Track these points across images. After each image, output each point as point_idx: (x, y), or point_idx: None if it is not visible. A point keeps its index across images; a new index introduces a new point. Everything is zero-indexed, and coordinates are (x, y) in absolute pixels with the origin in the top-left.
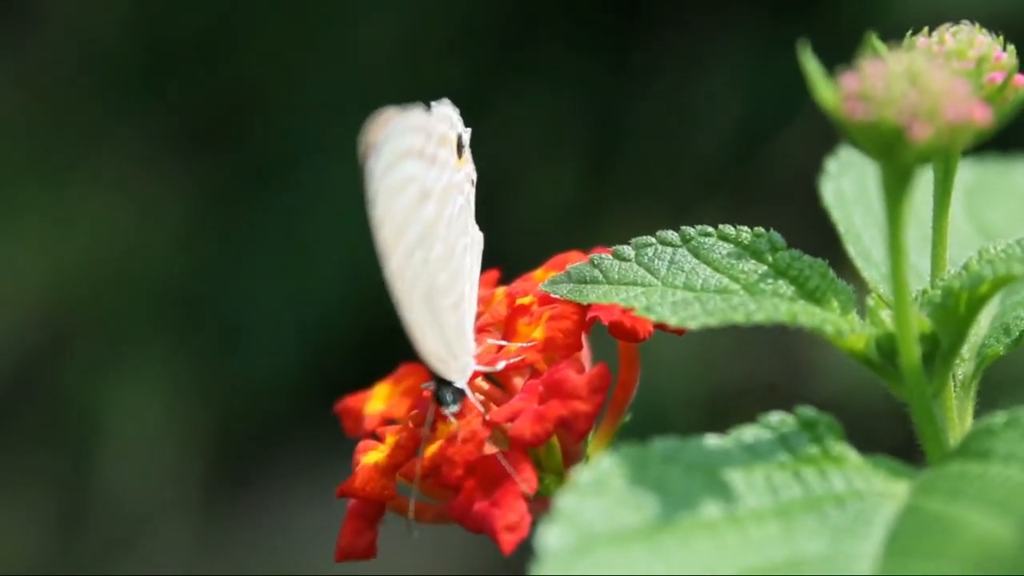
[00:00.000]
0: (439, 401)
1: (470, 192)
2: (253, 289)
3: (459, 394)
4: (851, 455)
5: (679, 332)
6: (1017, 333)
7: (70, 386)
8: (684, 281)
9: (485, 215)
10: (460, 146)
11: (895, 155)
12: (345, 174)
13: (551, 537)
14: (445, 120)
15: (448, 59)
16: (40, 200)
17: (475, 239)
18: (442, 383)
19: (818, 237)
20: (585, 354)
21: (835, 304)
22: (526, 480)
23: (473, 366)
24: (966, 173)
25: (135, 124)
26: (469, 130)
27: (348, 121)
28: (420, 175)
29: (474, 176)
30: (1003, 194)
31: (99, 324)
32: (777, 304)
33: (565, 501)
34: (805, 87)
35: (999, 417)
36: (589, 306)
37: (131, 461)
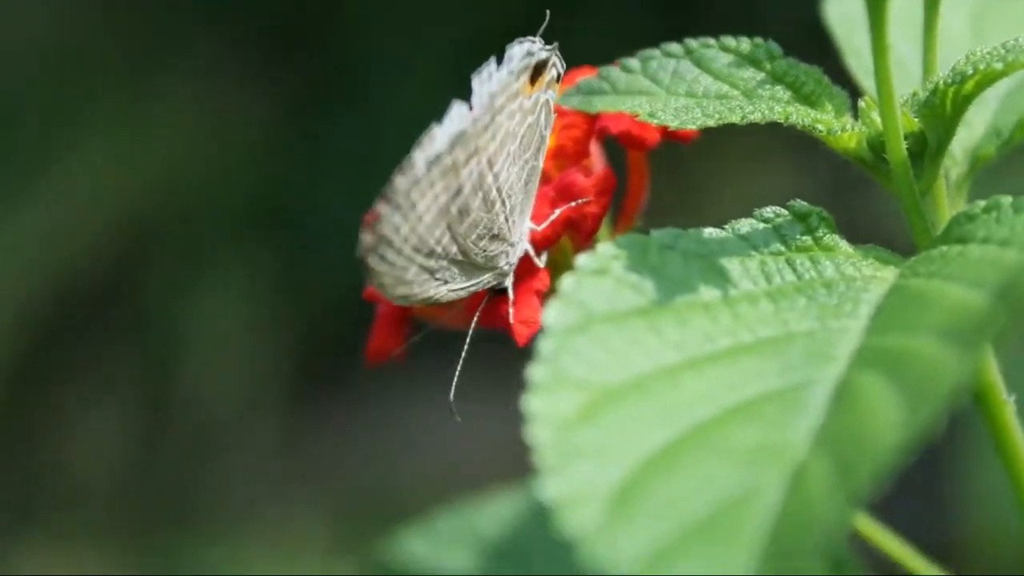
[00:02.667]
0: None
1: (549, 96)
2: (331, 198)
3: (504, 289)
4: (842, 244)
5: (684, 139)
6: (1007, 134)
7: (154, 295)
8: (686, 89)
9: None
10: (536, 73)
11: None
12: (421, 88)
13: (552, 314)
14: (508, 86)
15: None
16: (121, 111)
17: (544, 136)
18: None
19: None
20: (596, 162)
21: (829, 107)
22: (540, 279)
23: (516, 262)
24: None
25: (213, 37)
26: (550, 50)
27: (426, 33)
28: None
29: (560, 71)
30: (1012, 15)
31: (181, 233)
32: (772, 106)
33: (567, 283)
34: None
35: (979, 204)
36: (598, 117)
37: (216, 367)
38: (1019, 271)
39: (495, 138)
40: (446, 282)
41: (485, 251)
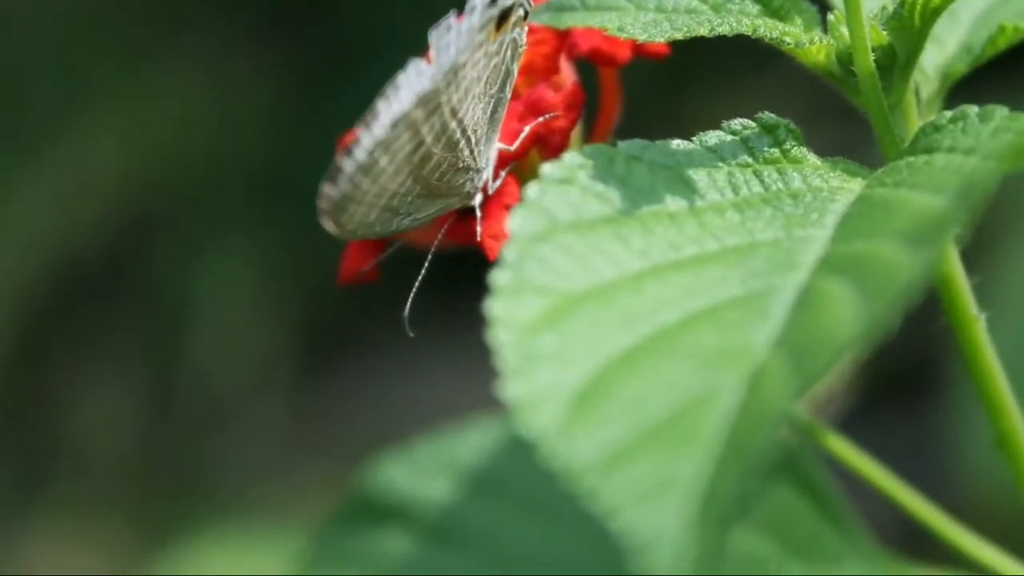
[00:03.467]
0: None
1: (517, 35)
2: None
3: (471, 210)
4: (810, 157)
5: (656, 55)
6: (978, 51)
7: (160, 269)
8: (656, 4)
9: None
10: (502, 18)
11: None
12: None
13: (516, 222)
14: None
15: None
16: (127, 84)
17: (512, 70)
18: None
19: None
20: (567, 79)
21: (798, 21)
22: (509, 194)
23: (483, 183)
24: None
25: (222, 8)
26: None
27: (436, 7)
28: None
29: (527, 8)
30: None
31: (187, 207)
32: (740, 19)
33: (531, 191)
34: None
35: (946, 114)
36: (568, 35)
37: (222, 342)
38: (980, 174)
39: (459, 89)
40: (410, 214)
41: (450, 183)
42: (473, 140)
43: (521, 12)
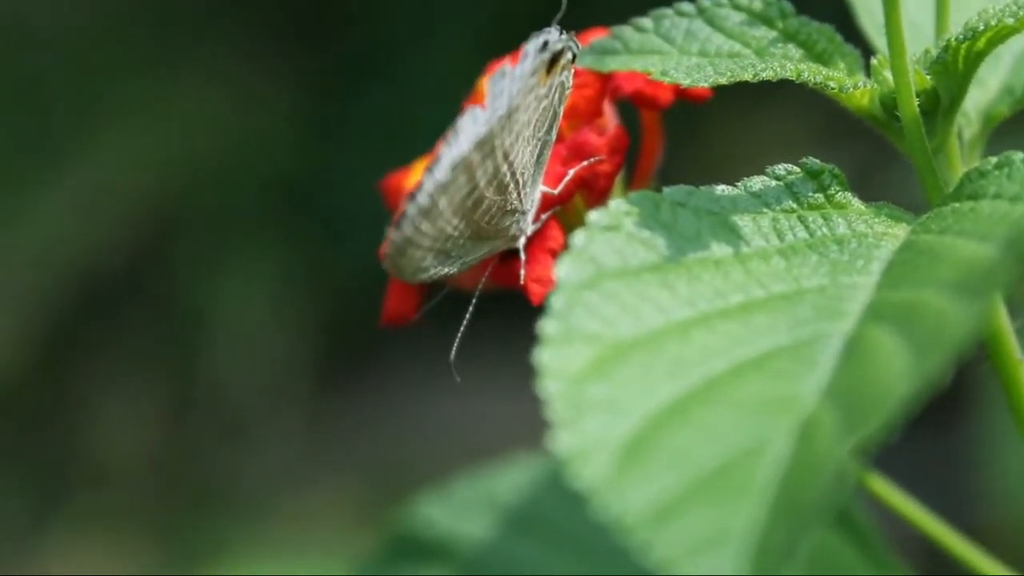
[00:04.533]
0: None
1: (565, 78)
2: (358, 181)
3: (515, 253)
4: (854, 202)
5: (698, 99)
6: (1020, 93)
7: (179, 278)
8: (699, 48)
9: None
10: (552, 62)
11: None
12: (447, 67)
13: (563, 269)
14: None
15: None
16: (146, 94)
17: (558, 113)
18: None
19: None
20: (609, 122)
21: (841, 65)
22: (553, 239)
23: (528, 227)
24: None
25: (238, 17)
26: (565, 39)
27: (452, 13)
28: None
29: (576, 53)
30: None
31: (206, 217)
32: (784, 63)
33: (578, 238)
34: None
35: (990, 160)
36: (611, 77)
37: (241, 353)
38: None
39: (511, 133)
40: (460, 257)
41: (498, 226)
42: (521, 182)
43: (570, 56)
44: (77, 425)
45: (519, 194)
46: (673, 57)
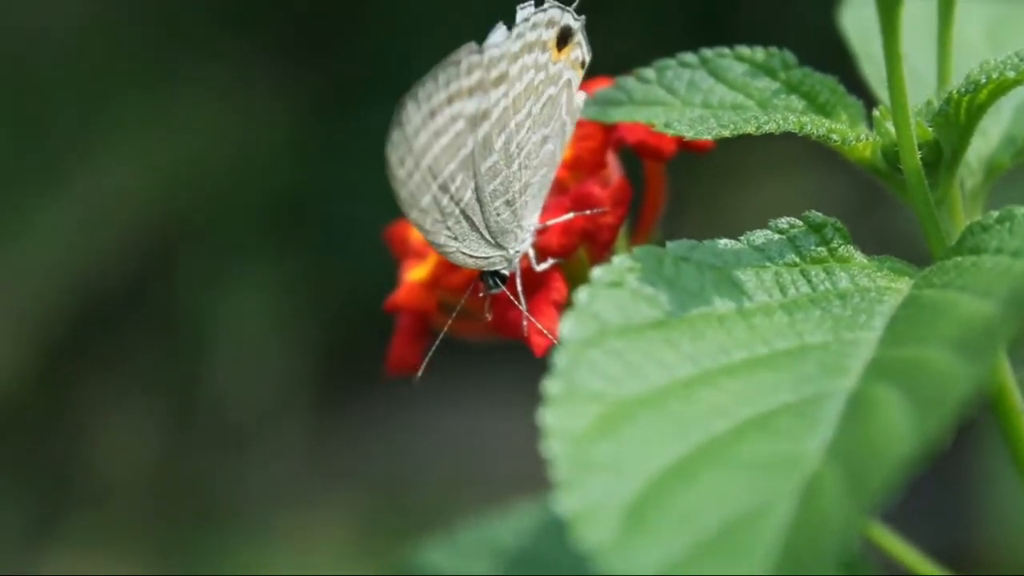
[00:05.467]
0: (483, 281)
1: (572, 77)
2: (358, 193)
3: (504, 279)
4: (857, 256)
5: (700, 149)
6: (1022, 143)
7: (181, 294)
8: (702, 99)
9: None
10: (562, 38)
11: None
12: None
13: (567, 327)
14: (537, 27)
15: None
16: (148, 109)
17: (566, 122)
18: (486, 272)
19: None
20: (613, 173)
21: (844, 117)
22: (557, 290)
23: (522, 252)
24: (990, 6)
25: (240, 33)
26: (578, 20)
27: (451, 27)
28: (468, 108)
29: (585, 58)
30: None
31: (208, 231)
32: (787, 116)
33: (581, 295)
34: None
35: (992, 215)
36: (615, 128)
37: (242, 365)
38: None
39: (521, 78)
40: (455, 238)
41: (498, 215)
42: (524, 178)
43: (580, 53)
44: (79, 439)
45: (520, 191)
46: (676, 108)
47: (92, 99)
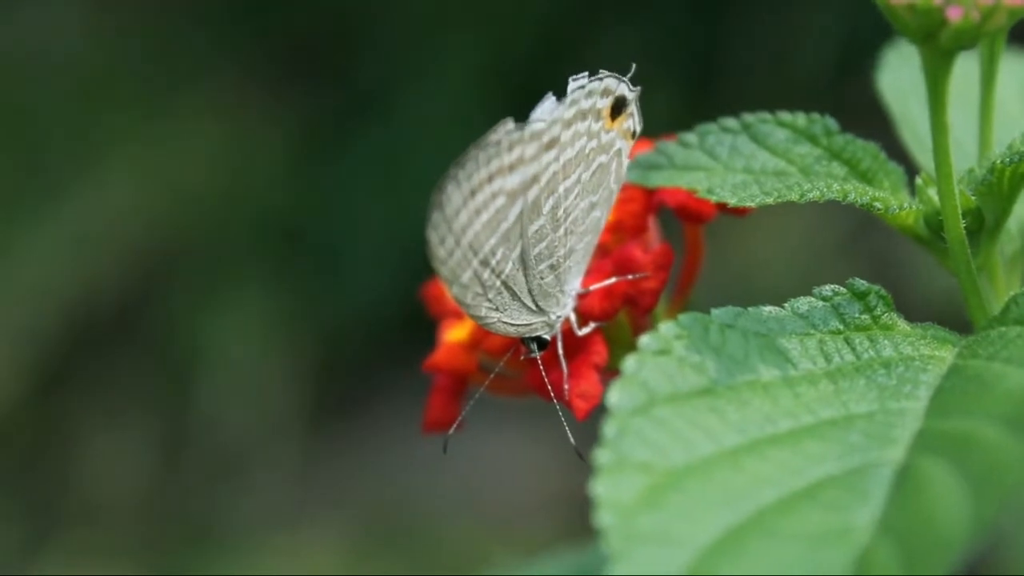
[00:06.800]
0: (524, 345)
1: (623, 146)
2: (354, 218)
3: (544, 344)
4: (900, 323)
5: (740, 213)
6: None
7: (174, 316)
8: (744, 165)
9: None
10: (616, 108)
11: (933, 37)
12: (444, 106)
13: (614, 396)
14: (592, 95)
15: None
16: (142, 131)
17: (612, 190)
18: (527, 337)
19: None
20: (653, 236)
21: (886, 184)
22: (597, 353)
23: (563, 316)
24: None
25: (236, 56)
26: (633, 91)
27: (449, 50)
28: (509, 184)
29: (636, 128)
30: None
31: (202, 253)
32: (830, 183)
33: (629, 363)
34: None
35: None
36: (656, 191)
37: (236, 387)
38: None
39: (573, 144)
40: (496, 309)
41: (542, 279)
42: (569, 242)
43: (631, 124)
44: (69, 461)
45: (565, 256)
46: (718, 174)
47: (86, 122)
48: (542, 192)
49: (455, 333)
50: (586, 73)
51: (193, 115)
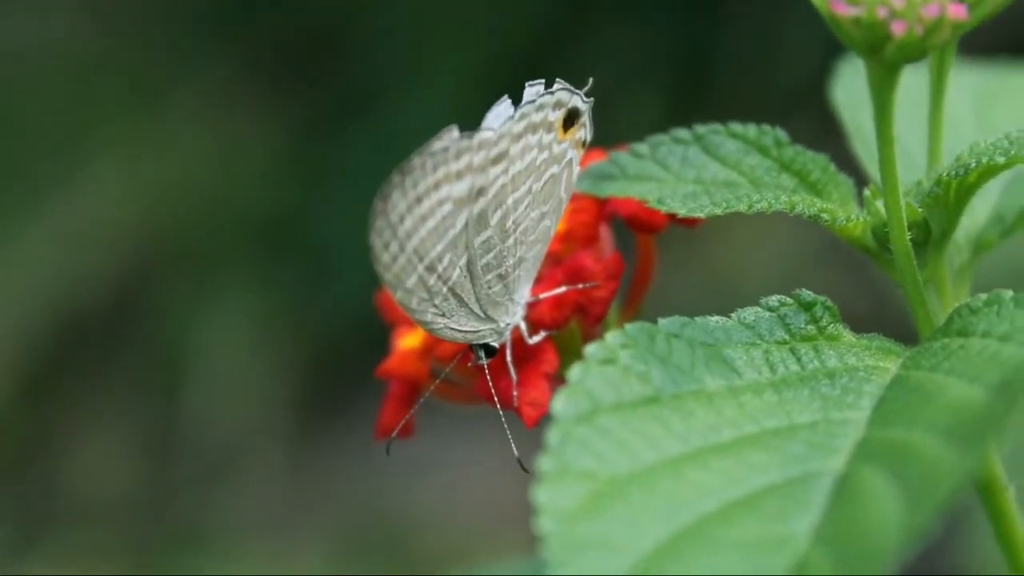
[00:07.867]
0: (472, 352)
1: (573, 156)
2: (342, 219)
3: (493, 351)
4: (846, 334)
5: (690, 224)
6: (1009, 221)
7: (162, 316)
8: (695, 175)
9: None
10: (569, 120)
11: (879, 51)
12: (430, 104)
13: (558, 404)
14: (544, 108)
15: None
16: (131, 134)
17: (563, 199)
18: (475, 344)
19: None
20: (606, 246)
21: (835, 195)
22: (548, 361)
23: (513, 325)
24: (977, 76)
25: (223, 57)
26: (587, 103)
27: (435, 52)
28: (456, 191)
29: (587, 137)
30: (1013, 96)
31: (190, 255)
32: (778, 194)
33: (574, 372)
34: None
35: (980, 297)
36: (608, 201)
37: (223, 390)
38: (1018, 367)
39: (523, 157)
40: (443, 315)
41: (489, 289)
42: (518, 252)
43: (583, 134)
44: (57, 461)
45: (514, 265)
46: (669, 184)
47: (74, 123)
48: (489, 205)
49: (408, 340)
50: (542, 81)
51: (183, 116)
